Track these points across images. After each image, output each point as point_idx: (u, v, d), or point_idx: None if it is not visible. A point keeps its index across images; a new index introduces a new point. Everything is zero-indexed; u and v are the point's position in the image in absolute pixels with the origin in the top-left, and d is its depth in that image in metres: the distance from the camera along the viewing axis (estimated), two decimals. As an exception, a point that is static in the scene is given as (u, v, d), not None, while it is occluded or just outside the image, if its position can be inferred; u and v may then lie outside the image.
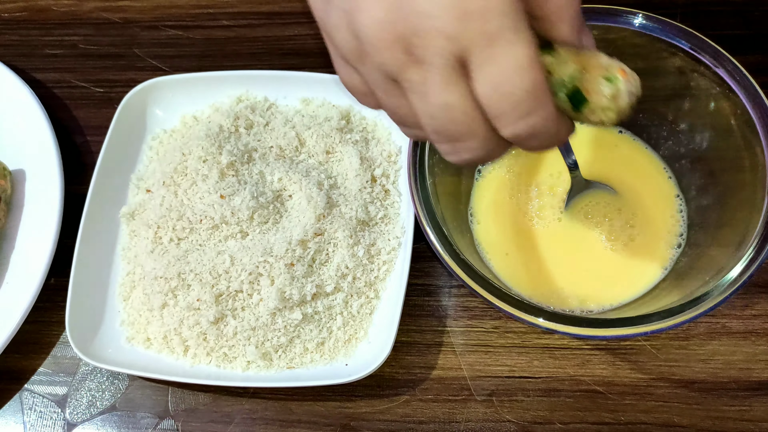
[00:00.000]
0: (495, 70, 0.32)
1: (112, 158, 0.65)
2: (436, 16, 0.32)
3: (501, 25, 0.32)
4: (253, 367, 0.58)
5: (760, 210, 0.51)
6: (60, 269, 0.62)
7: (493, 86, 0.33)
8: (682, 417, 0.56)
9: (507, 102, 0.33)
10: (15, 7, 0.77)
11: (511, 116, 0.34)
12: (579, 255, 0.59)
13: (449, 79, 0.33)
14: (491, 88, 0.33)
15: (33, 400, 0.61)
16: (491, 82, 0.33)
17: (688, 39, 0.54)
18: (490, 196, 0.61)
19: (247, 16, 0.75)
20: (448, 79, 0.33)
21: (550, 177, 0.61)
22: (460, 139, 0.35)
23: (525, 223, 0.60)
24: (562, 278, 0.58)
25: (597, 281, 0.58)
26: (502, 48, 0.32)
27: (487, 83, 0.33)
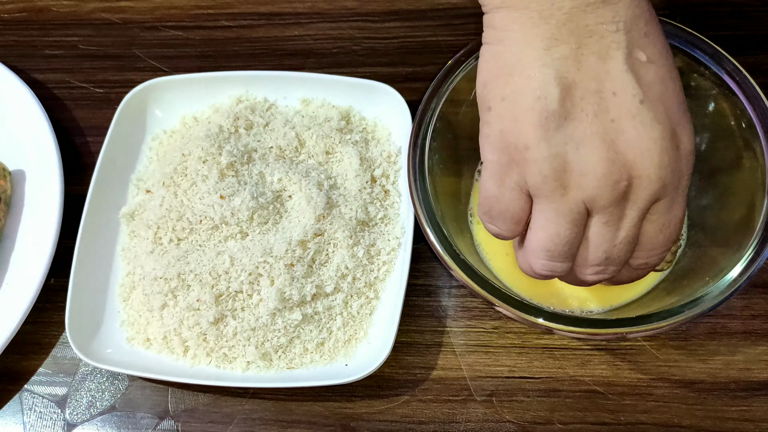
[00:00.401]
0: (670, 217, 0.41)
1: (111, 159, 0.65)
2: (664, 167, 0.39)
3: (687, 184, 0.42)
4: (252, 368, 0.58)
5: (760, 210, 0.51)
6: (60, 270, 0.62)
7: (662, 229, 0.42)
8: (682, 417, 0.56)
9: (664, 240, 0.42)
10: (15, 8, 0.77)
11: (660, 250, 0.43)
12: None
13: (641, 216, 0.41)
14: (660, 229, 0.42)
15: (33, 400, 0.61)
16: (662, 225, 0.42)
17: (688, 39, 0.54)
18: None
19: (247, 16, 0.75)
20: (641, 216, 0.41)
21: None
22: (612, 265, 0.43)
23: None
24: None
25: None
26: (680, 202, 0.41)
27: (659, 225, 0.42)
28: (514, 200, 0.42)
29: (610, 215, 0.40)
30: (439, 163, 0.56)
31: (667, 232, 0.42)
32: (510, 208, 0.42)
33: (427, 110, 0.55)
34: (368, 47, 0.72)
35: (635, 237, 0.42)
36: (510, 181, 0.41)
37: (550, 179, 0.39)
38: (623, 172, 0.39)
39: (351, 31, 0.73)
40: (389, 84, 0.64)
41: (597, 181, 0.39)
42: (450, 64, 0.57)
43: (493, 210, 0.43)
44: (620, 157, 0.39)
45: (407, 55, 0.71)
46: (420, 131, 0.55)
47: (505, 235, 0.45)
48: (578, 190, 0.39)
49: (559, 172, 0.39)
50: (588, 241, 0.42)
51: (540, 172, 0.39)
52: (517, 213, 0.42)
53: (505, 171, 0.41)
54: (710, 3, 0.70)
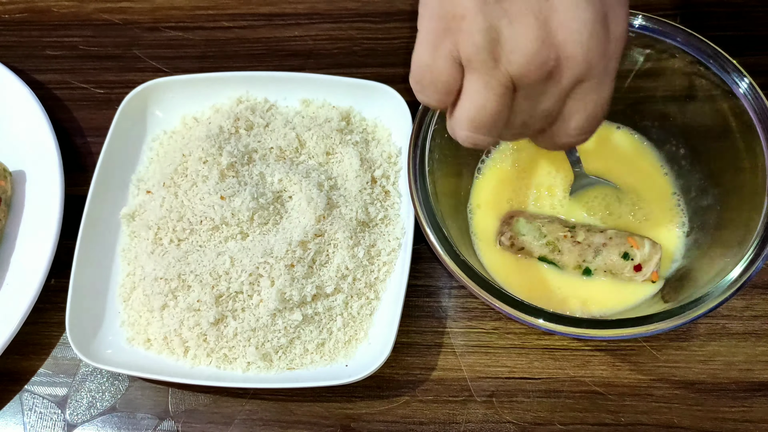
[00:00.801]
0: (594, 98, 0.41)
1: (112, 159, 0.65)
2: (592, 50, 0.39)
3: (614, 67, 0.41)
4: (253, 368, 0.58)
5: (760, 211, 0.51)
6: (60, 270, 0.62)
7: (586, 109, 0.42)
8: (682, 418, 0.56)
9: (586, 122, 0.42)
10: (15, 9, 0.77)
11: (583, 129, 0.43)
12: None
13: (564, 94, 0.41)
14: (584, 109, 0.42)
15: (33, 401, 0.61)
16: (586, 106, 0.42)
17: (688, 40, 0.54)
18: (489, 194, 0.61)
19: (247, 17, 0.75)
20: (563, 94, 0.41)
21: (548, 176, 0.61)
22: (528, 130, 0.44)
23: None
24: (562, 279, 0.58)
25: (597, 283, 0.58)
26: (606, 83, 0.41)
27: (583, 105, 0.42)
28: (446, 69, 0.41)
29: (532, 90, 0.41)
30: (439, 164, 0.56)
31: (591, 111, 0.42)
32: (441, 78, 0.42)
33: (427, 111, 0.55)
34: (368, 48, 0.72)
35: (554, 112, 0.42)
36: (443, 49, 0.41)
37: (483, 51, 0.39)
38: (551, 52, 0.39)
39: (351, 31, 0.73)
40: (389, 85, 0.64)
41: (526, 59, 0.39)
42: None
43: (425, 79, 0.43)
44: (550, 38, 0.39)
45: (408, 56, 0.70)
46: (420, 132, 0.55)
47: (435, 105, 0.44)
48: (507, 66, 0.39)
49: (491, 44, 0.39)
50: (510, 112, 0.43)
51: (474, 42, 0.39)
52: (449, 83, 0.42)
53: (439, 39, 0.41)
54: (710, 4, 0.70)
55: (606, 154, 0.62)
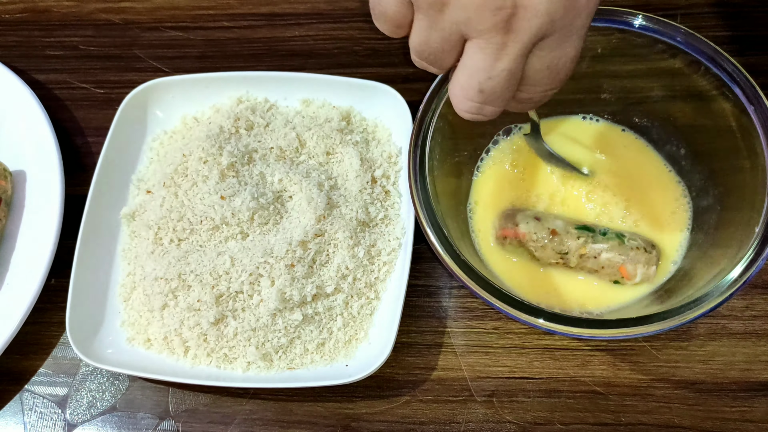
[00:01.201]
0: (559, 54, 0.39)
1: (112, 159, 0.65)
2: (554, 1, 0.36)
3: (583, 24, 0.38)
4: (253, 368, 0.58)
5: (760, 211, 0.51)
6: (60, 270, 0.62)
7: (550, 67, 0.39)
8: (682, 418, 0.56)
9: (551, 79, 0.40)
10: (16, 8, 0.77)
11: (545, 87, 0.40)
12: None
13: (525, 51, 0.38)
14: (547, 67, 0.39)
15: (33, 400, 0.61)
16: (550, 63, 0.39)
17: (688, 40, 0.54)
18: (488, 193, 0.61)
19: (248, 17, 0.75)
20: (524, 51, 0.38)
21: (549, 175, 0.61)
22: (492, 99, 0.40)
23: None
24: (562, 279, 0.58)
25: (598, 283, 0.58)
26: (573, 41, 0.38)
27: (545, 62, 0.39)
28: (393, 5, 0.40)
29: (488, 42, 0.38)
30: (439, 164, 0.56)
31: (554, 68, 0.40)
32: (388, 11, 0.41)
33: (427, 111, 0.55)
34: (369, 48, 0.72)
35: (516, 72, 0.39)
36: None
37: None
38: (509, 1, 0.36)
39: (352, 31, 0.73)
40: (390, 85, 0.64)
41: (476, 3, 0.36)
42: (450, 64, 0.57)
43: (375, 9, 0.41)
44: None
45: (408, 56, 0.70)
46: (420, 132, 0.55)
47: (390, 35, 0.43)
48: (455, 10, 0.37)
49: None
50: (463, 65, 0.40)
51: None
52: (397, 18, 0.41)
53: None
54: (710, 3, 0.70)
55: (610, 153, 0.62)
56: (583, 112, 0.63)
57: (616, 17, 0.55)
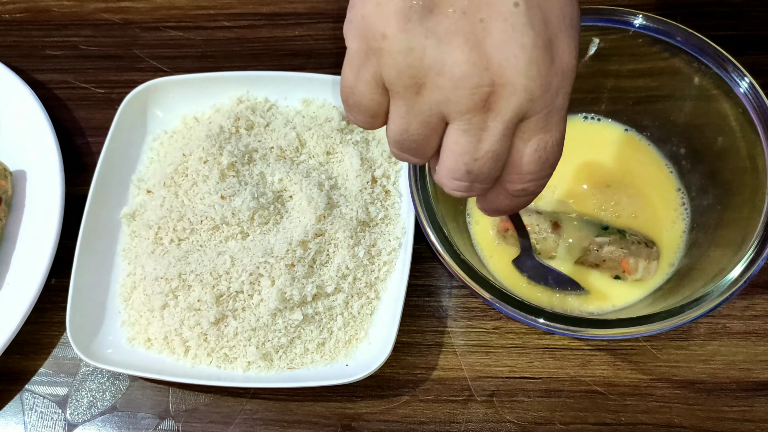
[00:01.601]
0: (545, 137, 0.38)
1: (112, 159, 0.65)
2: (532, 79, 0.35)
3: (562, 105, 0.37)
4: (253, 368, 0.58)
5: (761, 211, 0.51)
6: (60, 270, 0.62)
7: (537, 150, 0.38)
8: (682, 418, 0.56)
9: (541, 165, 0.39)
10: (16, 8, 0.77)
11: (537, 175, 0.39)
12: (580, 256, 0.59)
13: (509, 132, 0.37)
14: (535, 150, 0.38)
15: (34, 400, 0.61)
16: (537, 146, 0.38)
17: (689, 39, 0.54)
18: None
19: (248, 17, 0.75)
20: (507, 132, 0.37)
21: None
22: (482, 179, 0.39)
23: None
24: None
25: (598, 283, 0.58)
26: (556, 123, 0.38)
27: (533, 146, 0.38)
28: (368, 93, 0.39)
29: (469, 123, 0.37)
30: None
31: (542, 153, 0.38)
32: (364, 101, 0.39)
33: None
34: (369, 48, 0.72)
35: (502, 153, 0.38)
36: (366, 72, 0.38)
37: (405, 75, 0.36)
38: (484, 77, 0.35)
39: (352, 31, 0.73)
40: (390, 84, 0.64)
41: (453, 83, 0.35)
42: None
43: (349, 100, 0.40)
44: (484, 61, 0.35)
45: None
46: (420, 131, 0.55)
47: (365, 127, 0.41)
48: (433, 91, 0.36)
49: (414, 68, 0.36)
50: (448, 150, 0.39)
51: (395, 65, 0.36)
52: (372, 107, 0.39)
53: (362, 61, 0.38)
54: (711, 3, 0.70)
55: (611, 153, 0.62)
56: (583, 112, 0.63)
57: (615, 17, 0.55)
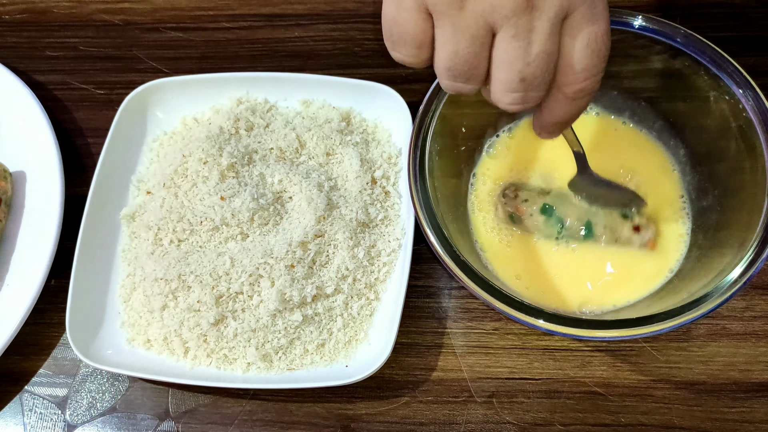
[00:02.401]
0: (594, 30, 0.37)
1: (112, 160, 0.65)
2: None
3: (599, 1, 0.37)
4: (253, 369, 0.58)
5: (760, 212, 0.51)
6: (60, 271, 0.62)
7: (589, 44, 0.37)
8: (682, 419, 0.56)
9: (595, 58, 0.38)
10: (15, 9, 0.77)
11: (593, 71, 0.39)
12: (580, 257, 0.58)
13: (555, 29, 0.37)
14: (587, 44, 0.37)
15: (33, 401, 0.61)
16: (588, 40, 0.37)
17: (688, 41, 0.54)
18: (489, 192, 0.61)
19: (248, 18, 0.75)
20: (554, 29, 0.37)
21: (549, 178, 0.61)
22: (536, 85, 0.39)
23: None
24: (563, 280, 0.58)
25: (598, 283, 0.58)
26: (600, 13, 0.37)
27: (584, 40, 0.37)
28: (412, 20, 0.39)
29: (516, 27, 0.37)
30: (439, 165, 0.56)
31: (594, 46, 0.38)
32: (409, 30, 0.39)
33: (427, 112, 0.55)
34: (369, 49, 0.72)
35: (552, 53, 0.38)
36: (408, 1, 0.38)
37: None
38: None
39: (351, 32, 0.73)
40: (390, 85, 0.64)
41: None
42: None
43: (394, 34, 0.40)
44: None
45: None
46: (420, 133, 0.55)
47: (411, 62, 0.41)
48: (476, 2, 0.36)
49: None
50: (499, 61, 0.38)
51: None
52: (418, 35, 0.39)
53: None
54: (710, 5, 0.70)
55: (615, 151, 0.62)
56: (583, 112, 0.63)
57: (615, 17, 0.55)
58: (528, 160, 0.62)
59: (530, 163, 0.62)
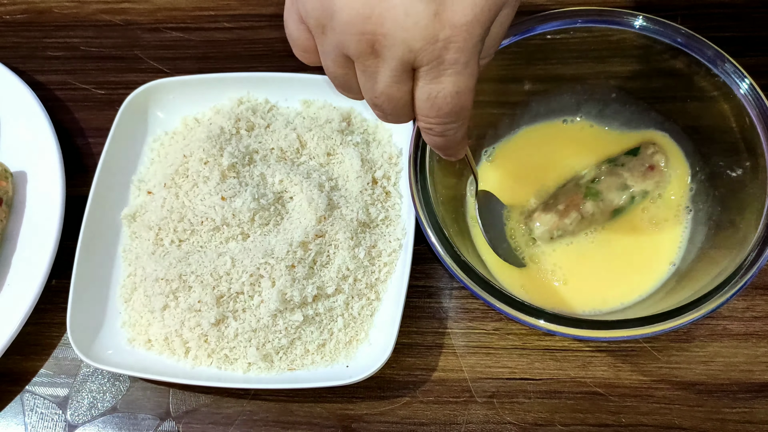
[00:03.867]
0: (436, 88, 0.39)
1: (113, 160, 0.65)
2: (408, 30, 0.37)
3: (456, 58, 0.38)
4: (253, 369, 0.58)
5: (761, 212, 0.51)
6: (61, 271, 0.62)
7: (429, 98, 0.40)
8: (683, 419, 0.56)
9: (434, 112, 0.41)
10: (16, 9, 0.78)
11: (432, 122, 0.42)
12: (580, 257, 0.58)
13: (398, 77, 0.40)
14: (427, 98, 0.40)
15: (34, 401, 0.61)
16: (428, 95, 0.40)
17: (689, 41, 0.54)
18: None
19: (248, 18, 0.75)
20: (396, 77, 0.40)
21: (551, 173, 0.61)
22: (393, 116, 0.43)
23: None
24: (563, 280, 0.58)
25: (599, 284, 0.58)
26: (448, 76, 0.39)
27: (425, 93, 0.40)
28: (295, 29, 0.43)
29: (365, 66, 0.40)
30: (439, 165, 0.56)
31: (434, 101, 0.40)
32: (294, 36, 0.43)
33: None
34: (369, 49, 0.72)
35: (399, 96, 0.41)
36: (293, 10, 0.42)
37: (310, 16, 0.40)
38: (367, 25, 0.38)
39: (352, 32, 0.73)
40: (390, 85, 0.64)
41: (342, 28, 0.39)
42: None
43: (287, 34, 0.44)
44: (367, 10, 0.38)
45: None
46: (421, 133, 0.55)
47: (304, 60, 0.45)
48: (332, 33, 0.40)
49: (317, 9, 0.39)
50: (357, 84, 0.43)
51: (304, 5, 0.40)
52: (301, 42, 0.43)
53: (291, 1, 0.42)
54: (711, 5, 0.70)
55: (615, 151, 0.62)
56: (582, 114, 0.63)
57: (616, 18, 0.55)
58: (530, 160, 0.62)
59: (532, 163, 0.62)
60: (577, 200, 0.59)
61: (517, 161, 0.62)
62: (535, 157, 0.62)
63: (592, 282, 0.58)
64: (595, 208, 0.58)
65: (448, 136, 0.43)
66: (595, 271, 0.58)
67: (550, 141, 0.62)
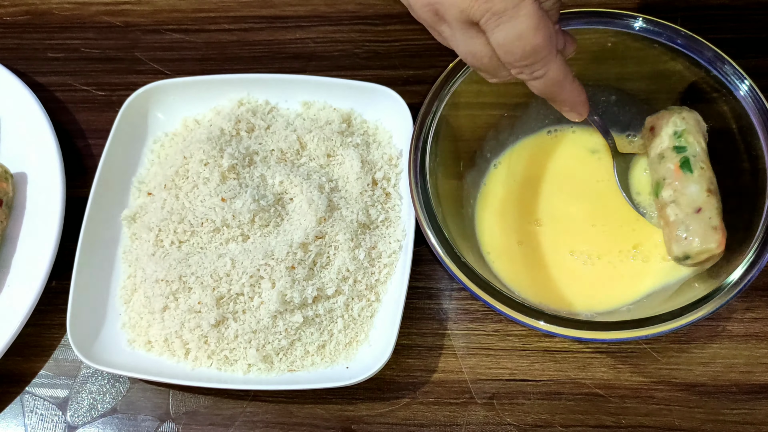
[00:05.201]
0: (500, 36, 0.44)
1: (113, 161, 0.65)
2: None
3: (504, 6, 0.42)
4: (254, 370, 0.58)
5: (761, 213, 0.51)
6: (61, 272, 0.62)
7: (500, 47, 0.44)
8: (682, 420, 0.56)
9: (511, 58, 0.45)
10: (17, 11, 0.78)
11: (517, 66, 0.45)
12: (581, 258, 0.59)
13: (468, 34, 0.45)
14: (498, 47, 0.44)
15: (34, 402, 0.61)
16: (497, 43, 0.44)
17: (689, 42, 0.54)
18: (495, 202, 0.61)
19: (249, 19, 0.75)
20: (466, 34, 0.45)
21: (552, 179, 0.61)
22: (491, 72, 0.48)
23: (529, 226, 0.60)
24: (564, 281, 0.58)
25: (599, 284, 0.58)
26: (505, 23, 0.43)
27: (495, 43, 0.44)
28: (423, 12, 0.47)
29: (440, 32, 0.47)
30: (440, 166, 0.56)
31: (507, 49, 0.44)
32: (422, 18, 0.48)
33: (428, 113, 0.55)
34: (369, 50, 0.72)
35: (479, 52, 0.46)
36: None
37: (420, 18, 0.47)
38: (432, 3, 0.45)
39: (352, 34, 0.73)
40: (390, 87, 0.64)
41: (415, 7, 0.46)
42: (451, 67, 0.57)
43: None
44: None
45: (408, 58, 0.71)
46: (421, 134, 0.55)
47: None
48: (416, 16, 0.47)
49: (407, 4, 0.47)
50: None
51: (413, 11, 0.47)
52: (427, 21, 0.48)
53: None
54: (711, 6, 0.70)
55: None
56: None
57: (616, 19, 0.55)
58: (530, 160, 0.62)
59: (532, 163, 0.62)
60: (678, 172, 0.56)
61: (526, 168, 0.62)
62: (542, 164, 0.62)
63: (591, 282, 0.58)
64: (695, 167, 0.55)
65: (539, 77, 0.46)
66: (596, 268, 0.58)
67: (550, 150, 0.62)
